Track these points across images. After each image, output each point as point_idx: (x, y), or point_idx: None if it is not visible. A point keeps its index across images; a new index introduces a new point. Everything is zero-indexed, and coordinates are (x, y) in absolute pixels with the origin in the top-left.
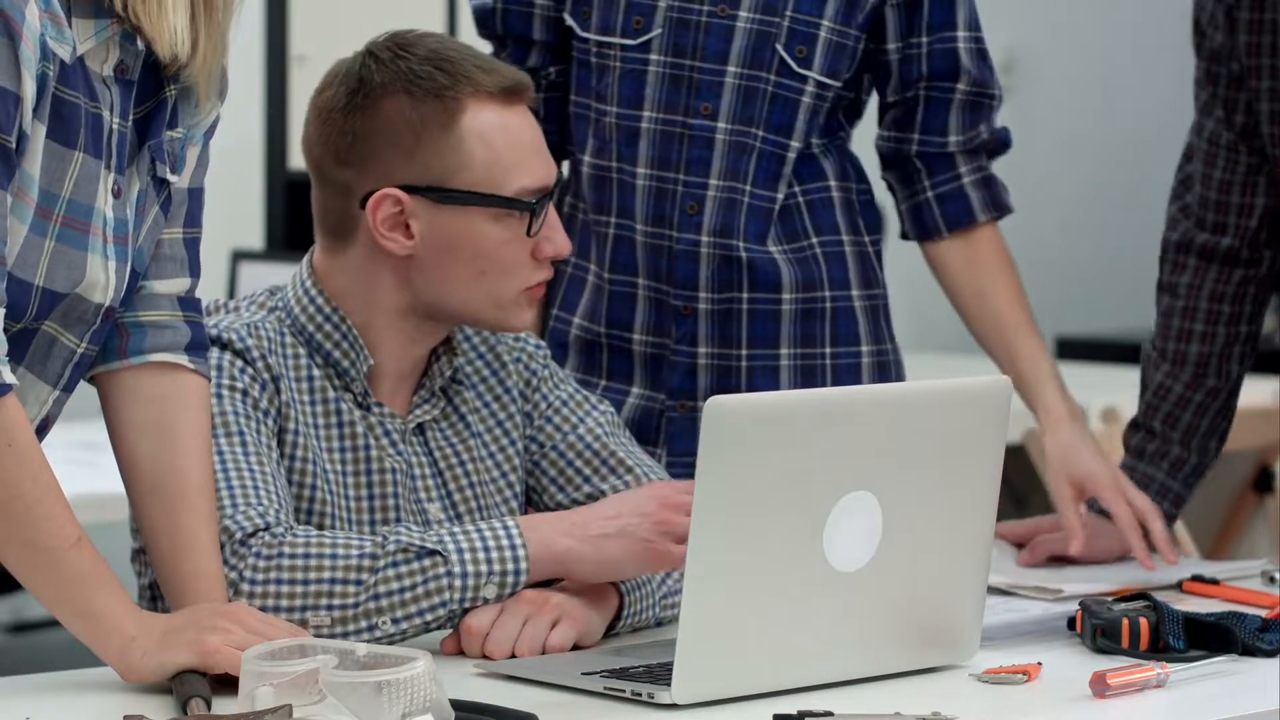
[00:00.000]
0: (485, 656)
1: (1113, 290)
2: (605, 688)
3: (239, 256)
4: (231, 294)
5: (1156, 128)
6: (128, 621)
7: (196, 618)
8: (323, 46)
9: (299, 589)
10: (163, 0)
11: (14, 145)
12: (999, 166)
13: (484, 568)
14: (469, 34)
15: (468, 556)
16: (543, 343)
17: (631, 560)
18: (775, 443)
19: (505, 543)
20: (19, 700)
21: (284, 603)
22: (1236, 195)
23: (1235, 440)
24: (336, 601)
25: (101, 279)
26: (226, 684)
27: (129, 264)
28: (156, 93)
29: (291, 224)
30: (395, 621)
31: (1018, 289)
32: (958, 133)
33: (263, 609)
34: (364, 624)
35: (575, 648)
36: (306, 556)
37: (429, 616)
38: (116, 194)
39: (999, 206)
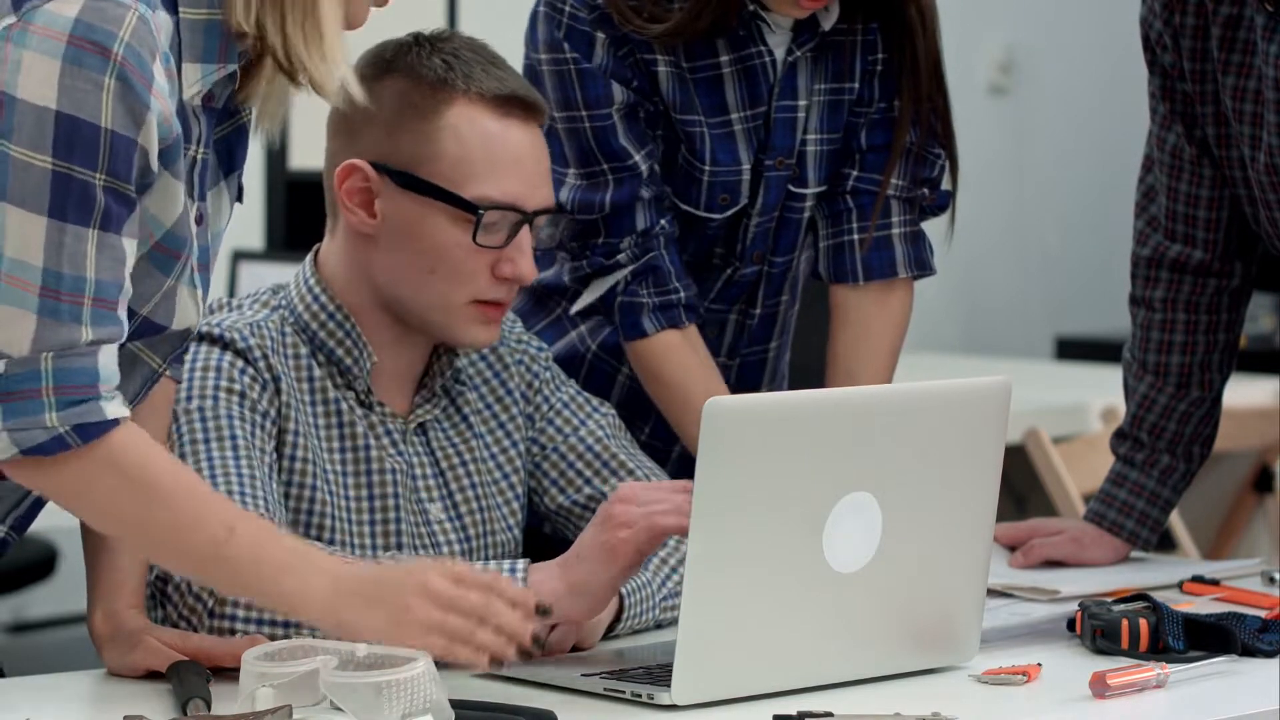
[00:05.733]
0: None
1: (1113, 290)
2: (605, 689)
3: (239, 256)
4: (232, 294)
5: None
6: (316, 599)
7: (394, 589)
8: None
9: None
10: (328, 48)
11: (134, 192)
12: (1002, 161)
13: None
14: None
15: None
16: (544, 345)
17: (594, 562)
18: (775, 443)
19: None
20: (19, 700)
21: (254, 614)
22: (1203, 210)
23: (1235, 440)
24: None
25: (191, 308)
26: (227, 680)
27: (209, 289)
28: (234, 116)
29: (291, 224)
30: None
31: (889, 373)
32: (899, 177)
33: (231, 617)
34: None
35: (574, 649)
36: None
37: None
38: (199, 221)
39: (921, 265)
